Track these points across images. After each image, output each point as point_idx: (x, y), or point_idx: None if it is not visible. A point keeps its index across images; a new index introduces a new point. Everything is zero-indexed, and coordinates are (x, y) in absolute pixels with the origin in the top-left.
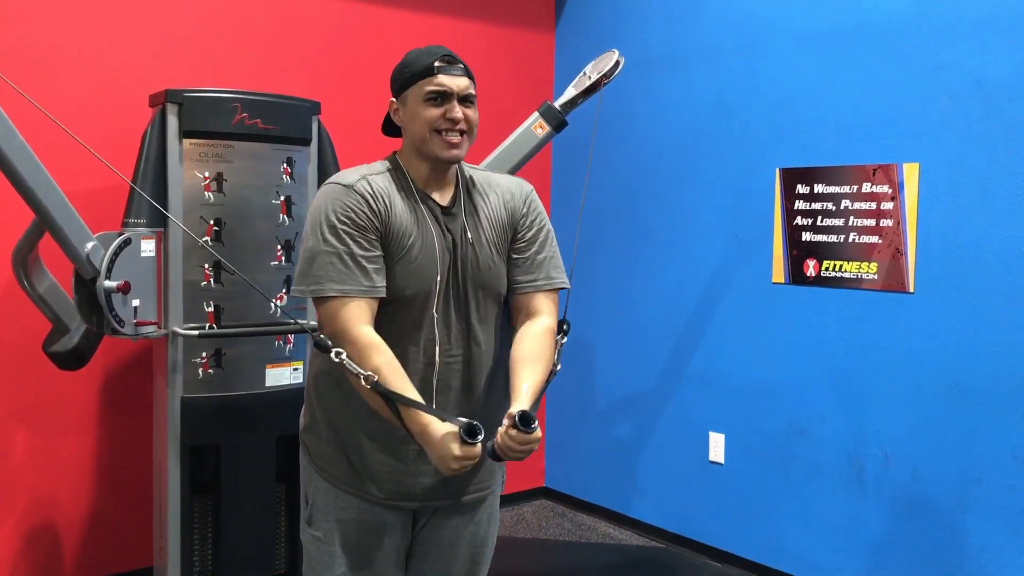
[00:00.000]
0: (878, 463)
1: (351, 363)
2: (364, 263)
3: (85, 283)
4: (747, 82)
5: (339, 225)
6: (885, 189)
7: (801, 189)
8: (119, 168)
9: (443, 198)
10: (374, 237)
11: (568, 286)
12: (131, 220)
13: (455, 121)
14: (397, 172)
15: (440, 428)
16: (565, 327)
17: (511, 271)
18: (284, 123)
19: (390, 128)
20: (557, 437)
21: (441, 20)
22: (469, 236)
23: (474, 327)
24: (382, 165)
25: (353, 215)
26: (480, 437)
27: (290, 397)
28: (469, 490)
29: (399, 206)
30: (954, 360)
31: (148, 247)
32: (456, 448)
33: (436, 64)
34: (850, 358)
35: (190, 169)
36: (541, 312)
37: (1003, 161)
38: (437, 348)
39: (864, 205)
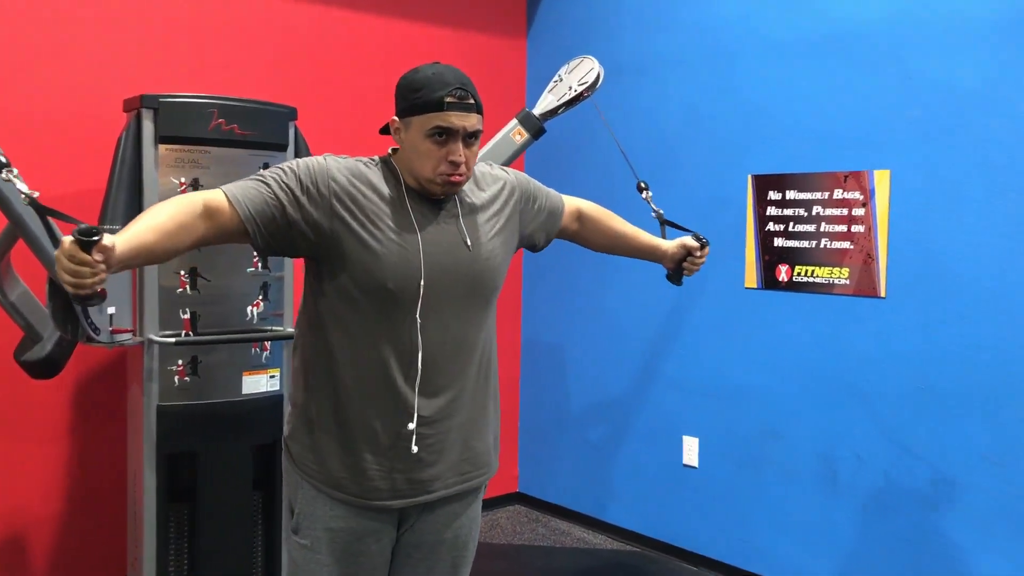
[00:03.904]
0: (851, 465)
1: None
2: (263, 193)
3: (59, 290)
4: (720, 90)
5: (283, 173)
6: (856, 196)
7: (773, 195)
8: (93, 175)
9: (434, 200)
10: (302, 200)
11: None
12: (106, 225)
13: (456, 164)
14: (388, 170)
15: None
16: (643, 184)
17: (542, 233)
18: (261, 129)
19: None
20: (531, 442)
21: (414, 26)
22: (467, 236)
23: (464, 330)
24: (375, 160)
25: (301, 174)
26: (95, 239)
27: (267, 405)
28: (455, 481)
29: (381, 195)
30: (925, 363)
31: None
32: (66, 242)
33: (447, 100)
34: (822, 362)
35: (166, 175)
36: (578, 205)
37: (972, 168)
38: (420, 353)
39: (835, 211)
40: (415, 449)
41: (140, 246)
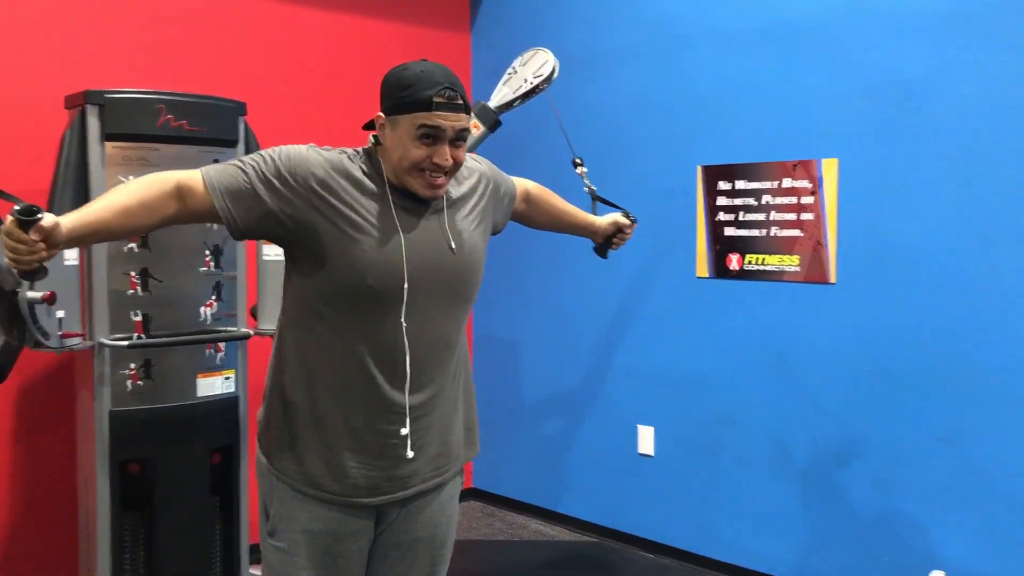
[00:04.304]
0: (805, 449)
1: None
2: (240, 180)
3: (5, 294)
4: (667, 81)
5: (262, 161)
6: (805, 184)
7: (723, 185)
8: (36, 174)
9: (418, 198)
10: (280, 189)
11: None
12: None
13: (442, 167)
14: (372, 165)
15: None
16: (578, 160)
17: (504, 218)
18: (210, 124)
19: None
20: (485, 437)
21: (358, 20)
22: (450, 236)
23: (445, 327)
24: (359, 152)
25: (280, 163)
26: (33, 218)
27: (223, 407)
28: (431, 475)
29: (362, 190)
30: (875, 347)
31: (71, 255)
32: (7, 221)
33: (436, 100)
34: (775, 348)
35: (113, 174)
36: (526, 186)
37: (919, 156)
38: (408, 357)
39: (785, 200)
40: (411, 454)
41: (94, 223)
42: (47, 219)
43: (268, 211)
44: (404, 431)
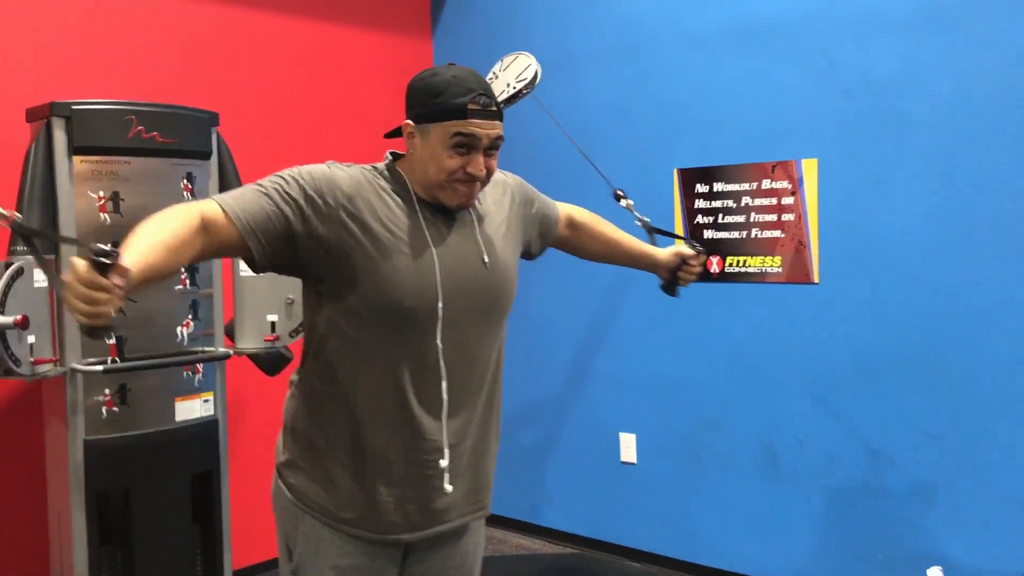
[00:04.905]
0: (792, 450)
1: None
2: (265, 206)
3: None
4: (639, 84)
5: (284, 183)
6: (785, 185)
7: (700, 188)
8: None
9: (447, 211)
10: (307, 212)
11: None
12: (19, 247)
13: (476, 176)
14: (395, 179)
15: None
16: (620, 192)
17: (539, 240)
18: (183, 136)
19: (396, 133)
20: None
21: (319, 26)
22: (484, 251)
23: (479, 347)
24: (379, 168)
25: (305, 184)
26: (114, 261)
27: (203, 432)
28: (469, 509)
29: (390, 207)
30: (860, 345)
31: (41, 276)
32: (80, 266)
33: (470, 107)
34: (758, 349)
35: (83, 190)
36: (570, 211)
37: (894, 153)
38: (444, 384)
39: (765, 201)
40: (449, 488)
41: (150, 266)
42: (125, 259)
43: (295, 235)
44: (444, 462)
